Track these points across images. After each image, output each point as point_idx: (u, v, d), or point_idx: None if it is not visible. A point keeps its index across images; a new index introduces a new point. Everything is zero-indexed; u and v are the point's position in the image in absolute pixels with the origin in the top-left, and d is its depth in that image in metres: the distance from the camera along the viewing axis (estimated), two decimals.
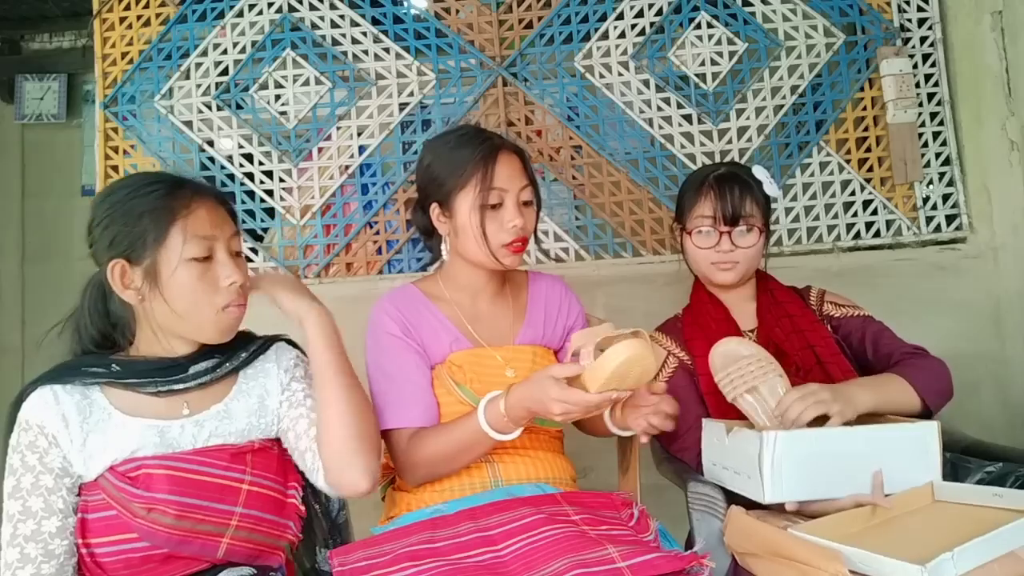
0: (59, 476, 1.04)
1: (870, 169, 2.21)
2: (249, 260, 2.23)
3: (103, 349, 1.16)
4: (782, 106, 2.21)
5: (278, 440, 1.20)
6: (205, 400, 1.14)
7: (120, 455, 1.06)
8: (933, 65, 2.22)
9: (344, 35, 2.27)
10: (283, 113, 2.26)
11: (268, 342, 1.25)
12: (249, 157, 2.26)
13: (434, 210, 1.34)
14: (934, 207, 2.20)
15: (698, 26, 2.23)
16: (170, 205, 1.08)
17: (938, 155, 2.20)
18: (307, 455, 1.15)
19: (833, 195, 2.19)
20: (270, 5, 2.28)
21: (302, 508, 1.17)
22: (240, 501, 1.08)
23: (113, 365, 1.11)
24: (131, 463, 1.05)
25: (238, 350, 1.19)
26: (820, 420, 1.19)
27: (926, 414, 1.28)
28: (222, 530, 1.06)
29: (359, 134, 2.25)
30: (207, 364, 1.15)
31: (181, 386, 1.12)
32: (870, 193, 2.19)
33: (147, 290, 1.08)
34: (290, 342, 1.28)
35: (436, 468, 1.26)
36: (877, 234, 2.18)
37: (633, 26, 2.24)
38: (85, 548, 1.03)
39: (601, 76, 2.23)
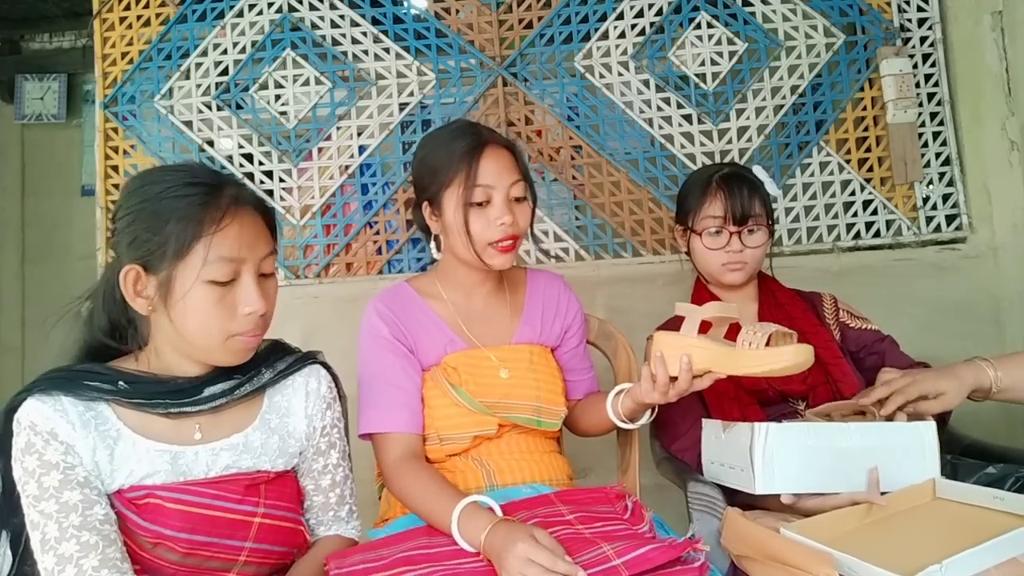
0: (89, 477, 0.95)
1: (870, 169, 2.21)
2: None
3: (109, 340, 1.06)
4: (782, 106, 2.21)
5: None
6: (222, 426, 1.05)
7: (129, 480, 0.98)
8: (933, 65, 2.22)
9: (344, 35, 2.27)
10: (283, 113, 2.26)
11: (298, 362, 1.15)
12: (249, 157, 2.26)
13: (425, 208, 1.33)
14: (934, 207, 2.19)
15: (698, 26, 2.23)
16: (199, 217, 0.97)
17: (938, 155, 2.20)
18: (310, 521, 1.16)
19: (833, 195, 2.19)
20: (270, 5, 2.28)
21: (309, 537, 1.13)
22: (251, 535, 1.02)
23: (120, 382, 1.01)
24: (140, 490, 0.98)
25: (260, 368, 1.11)
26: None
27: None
28: (229, 566, 1.01)
29: (359, 134, 2.25)
30: (224, 386, 1.06)
31: (194, 408, 1.03)
32: (870, 193, 2.19)
33: (157, 302, 0.99)
34: (324, 364, 1.19)
35: (408, 505, 1.22)
36: (877, 234, 2.18)
37: (633, 26, 2.23)
38: None
39: (601, 76, 2.23)
